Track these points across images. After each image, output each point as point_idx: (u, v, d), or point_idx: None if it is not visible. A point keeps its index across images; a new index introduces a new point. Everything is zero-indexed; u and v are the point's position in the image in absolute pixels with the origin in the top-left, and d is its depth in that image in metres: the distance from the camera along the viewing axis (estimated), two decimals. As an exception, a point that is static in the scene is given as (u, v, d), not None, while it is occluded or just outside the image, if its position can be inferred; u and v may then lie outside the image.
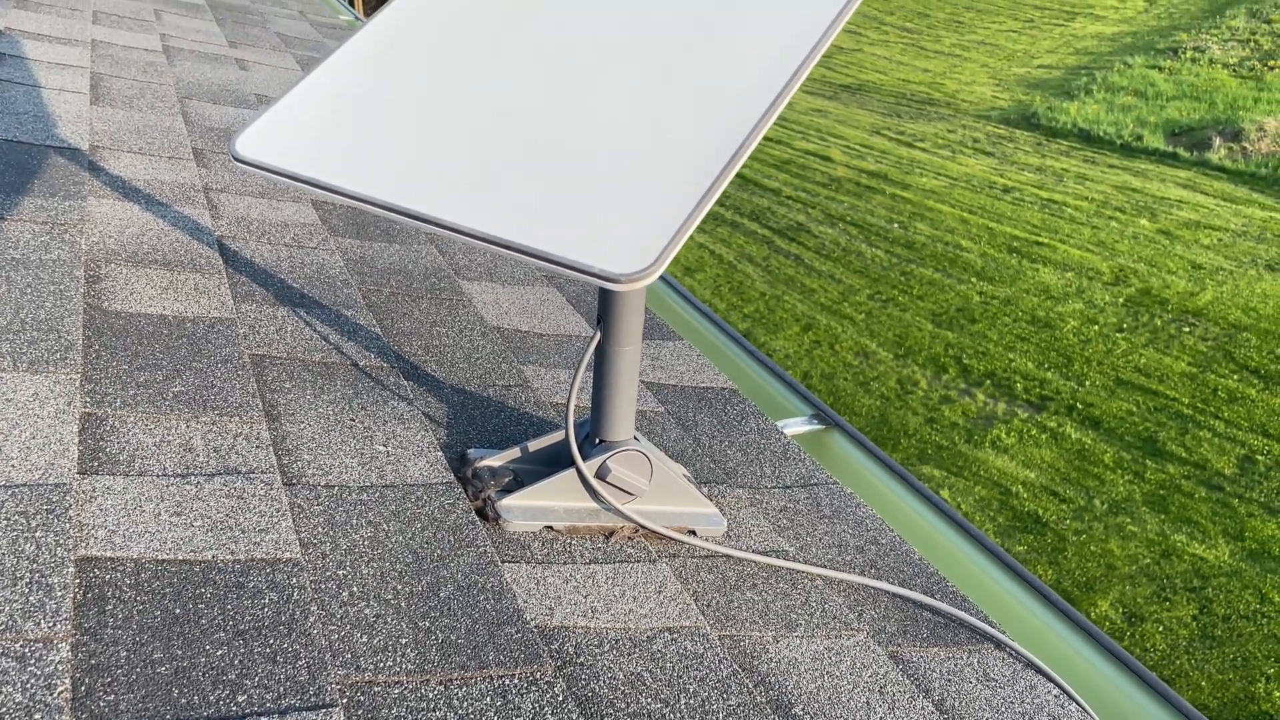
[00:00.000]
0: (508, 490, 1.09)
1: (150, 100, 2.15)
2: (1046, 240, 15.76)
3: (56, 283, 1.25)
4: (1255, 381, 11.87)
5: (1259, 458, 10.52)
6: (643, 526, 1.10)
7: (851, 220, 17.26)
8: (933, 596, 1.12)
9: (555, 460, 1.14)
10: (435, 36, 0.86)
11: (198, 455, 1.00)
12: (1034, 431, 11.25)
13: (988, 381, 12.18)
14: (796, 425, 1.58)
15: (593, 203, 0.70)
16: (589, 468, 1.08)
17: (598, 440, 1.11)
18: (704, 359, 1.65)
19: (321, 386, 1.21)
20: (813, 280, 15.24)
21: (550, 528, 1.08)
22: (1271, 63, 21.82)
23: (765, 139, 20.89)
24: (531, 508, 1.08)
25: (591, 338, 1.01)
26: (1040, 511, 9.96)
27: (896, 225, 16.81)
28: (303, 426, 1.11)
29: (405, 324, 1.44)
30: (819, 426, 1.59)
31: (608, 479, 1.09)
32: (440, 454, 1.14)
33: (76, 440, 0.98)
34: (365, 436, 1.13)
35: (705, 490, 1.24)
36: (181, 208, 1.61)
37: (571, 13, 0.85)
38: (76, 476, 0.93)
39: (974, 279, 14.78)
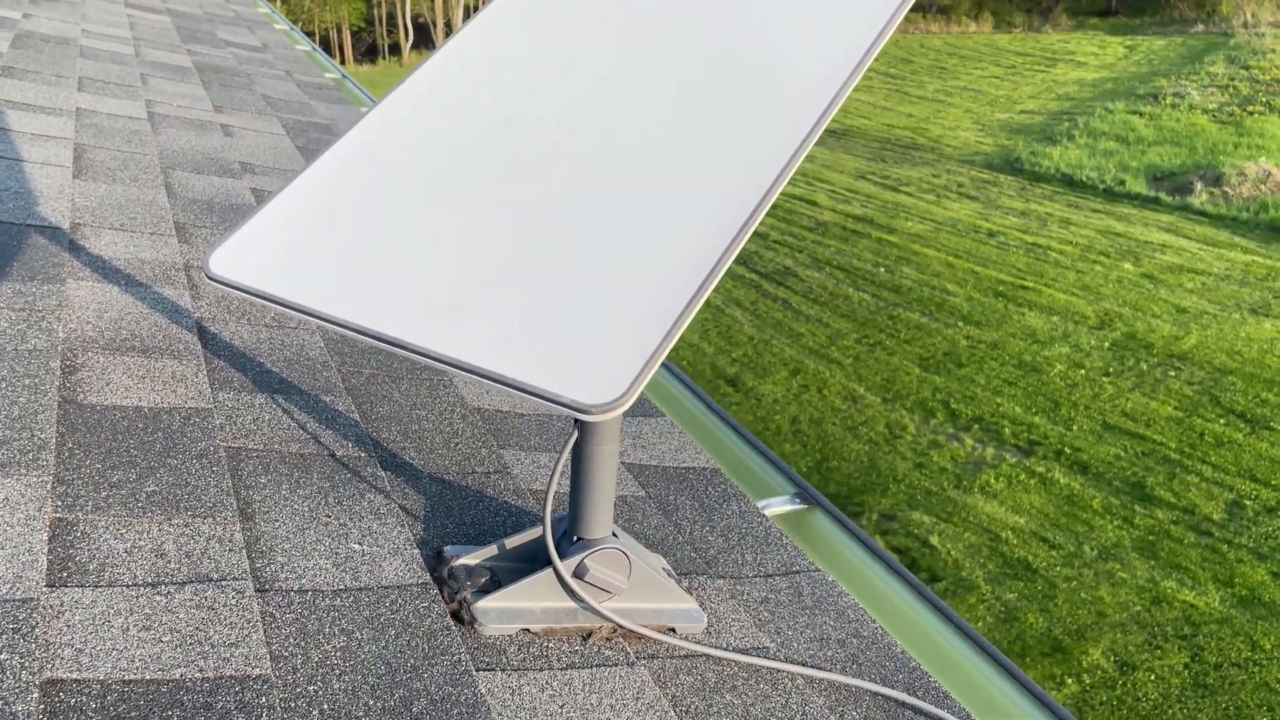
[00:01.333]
0: (484, 591, 1.08)
1: (133, 172, 2.15)
2: (1032, 284, 15.88)
3: (32, 375, 1.24)
4: (1241, 425, 11.91)
5: (1247, 502, 10.54)
6: (621, 626, 1.08)
7: (838, 264, 17.37)
8: (915, 694, 1.11)
9: (533, 557, 1.13)
10: (411, 148, 0.86)
11: (169, 562, 0.99)
12: (1023, 476, 11.25)
13: (976, 426, 12.20)
14: (779, 505, 1.57)
15: (562, 329, 0.70)
16: (566, 567, 1.07)
17: (576, 538, 1.10)
18: (686, 436, 1.64)
19: (298, 480, 1.20)
20: (800, 324, 15.29)
21: (527, 629, 1.06)
22: (1250, 108, 22.16)
23: (752, 184, 21.05)
24: (508, 609, 1.06)
25: (569, 435, 1.01)
26: (1030, 558, 9.93)
27: (883, 269, 16.92)
28: (277, 525, 1.10)
29: (385, 407, 1.43)
30: (801, 506, 1.59)
31: (586, 578, 1.08)
32: (416, 551, 1.13)
33: (46, 549, 0.96)
34: (340, 535, 1.12)
35: (686, 583, 1.23)
36: (162, 288, 1.61)
37: (545, 129, 0.85)
38: (45, 590, 0.91)
39: (960, 323, 14.86)
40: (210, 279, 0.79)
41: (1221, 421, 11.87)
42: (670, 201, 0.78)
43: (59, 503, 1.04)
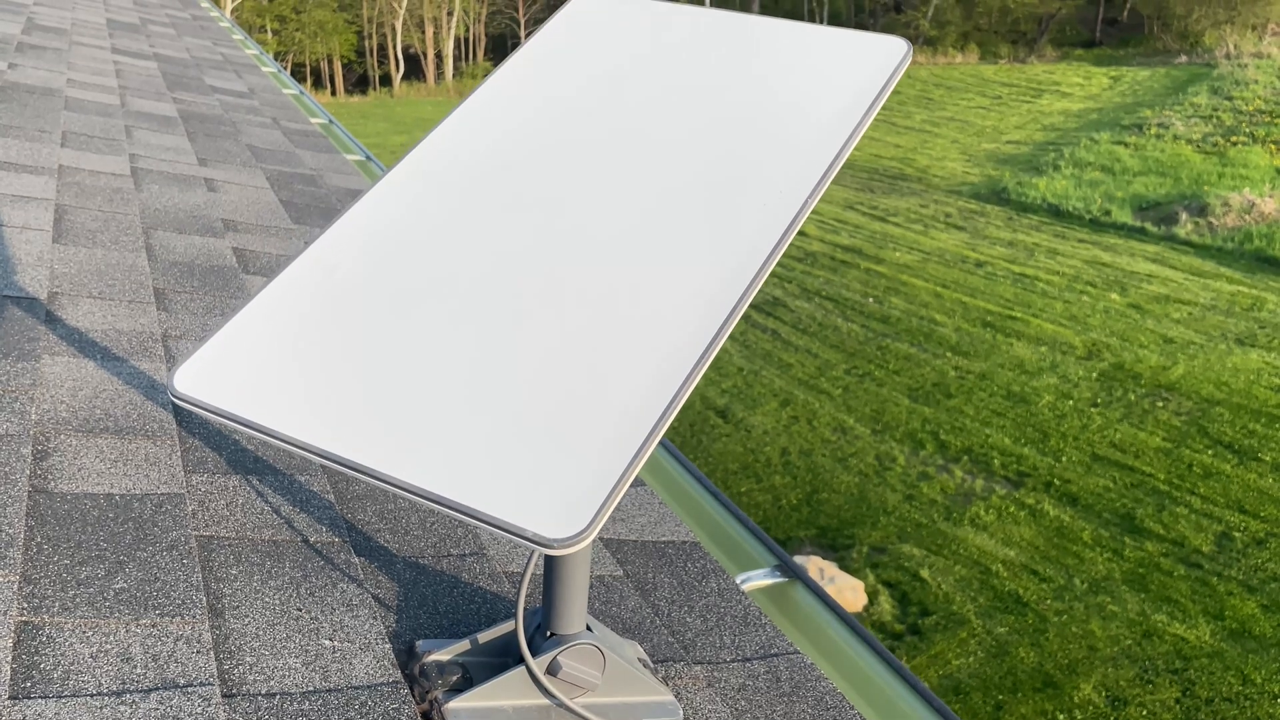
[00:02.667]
0: (456, 690, 1.07)
1: (114, 234, 2.15)
2: (1020, 315, 15.96)
3: (2, 464, 1.23)
4: (1229, 456, 11.95)
5: (1236, 534, 10.55)
6: (595, 723, 1.07)
7: (827, 295, 17.44)
8: (892, 788, 1.10)
9: (506, 650, 1.12)
10: (376, 259, 0.86)
11: (135, 667, 0.98)
12: (1012, 508, 11.26)
13: (965, 457, 12.21)
14: (758, 578, 1.57)
15: (524, 457, 0.70)
16: (539, 664, 1.06)
17: (549, 633, 1.09)
18: (665, 508, 1.64)
19: (270, 570, 1.19)
20: (790, 355, 15.33)
21: (500, 728, 1.05)
22: (1234, 138, 22.40)
23: (741, 214, 21.15)
24: (479, 709, 1.05)
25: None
26: (1021, 591, 9.92)
27: (872, 300, 16.99)
28: (246, 622, 1.09)
29: (360, 486, 1.42)
30: (782, 579, 1.58)
31: (559, 675, 1.07)
32: (388, 645, 1.12)
33: (10, 657, 0.95)
34: (311, 630, 1.10)
35: (662, 671, 1.22)
36: (138, 361, 1.60)
37: (515, 235, 0.86)
38: (8, 703, 0.90)
39: (949, 353, 14.91)
40: (174, 397, 0.78)
41: (1210, 452, 11.91)
42: (636, 320, 0.78)
43: (25, 604, 1.02)
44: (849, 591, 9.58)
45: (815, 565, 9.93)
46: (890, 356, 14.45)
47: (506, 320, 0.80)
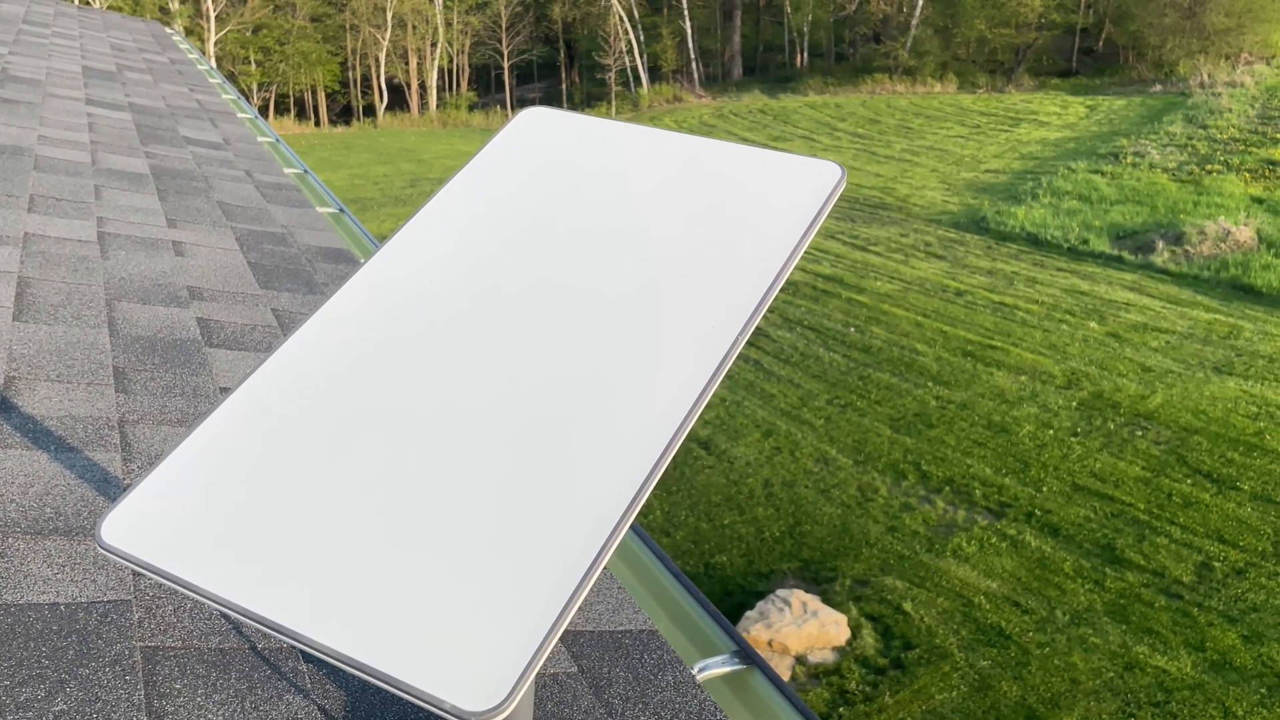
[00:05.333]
0: (399, 811, 1.06)
1: (76, 308, 2.14)
2: (1000, 344, 16.05)
3: (-55, 573, 1.22)
4: (1208, 485, 12.02)
5: (1216, 564, 10.60)
6: (540, 842, 1.07)
7: (809, 324, 17.51)
8: None
9: (453, 765, 1.11)
10: (306, 400, 0.87)
11: (71, 799, 0.97)
12: (994, 540, 11.28)
13: (947, 488, 12.24)
14: (717, 665, 1.56)
15: (445, 622, 0.70)
16: (484, 784, 1.05)
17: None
18: (625, 592, 1.63)
19: (215, 682, 1.18)
20: (772, 385, 15.36)
21: None
22: (1209, 167, 22.67)
23: (723, 244, 21.26)
24: (423, 833, 1.04)
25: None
26: (1003, 623, 9.92)
27: (853, 329, 17.07)
28: (189, 743, 1.08)
29: (314, 582, 1.42)
30: (740, 666, 1.57)
31: (504, 794, 1.06)
32: (334, 762, 1.11)
33: (-59, 794, 0.94)
34: (255, 749, 1.10)
35: (612, 778, 1.21)
36: (93, 452, 1.59)
37: (443, 382, 0.86)
38: (-66, 847, 0.89)
39: (930, 383, 14.97)
40: (101, 548, 0.78)
41: (1189, 482, 11.98)
42: (566, 468, 0.78)
43: (-39, 733, 1.01)
44: (832, 625, 9.57)
45: (799, 599, 9.91)
46: (872, 386, 14.51)
47: (433, 470, 0.80)
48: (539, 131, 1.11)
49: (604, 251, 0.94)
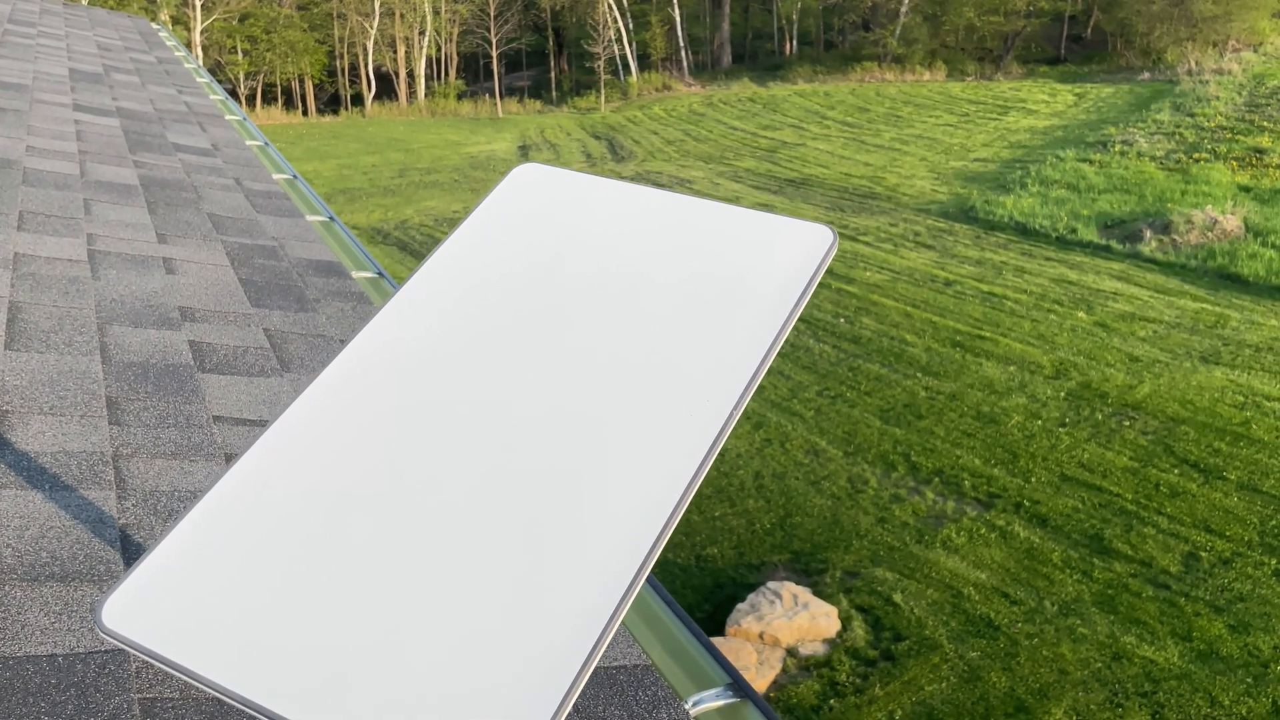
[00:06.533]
0: None
1: (68, 334, 2.14)
2: (988, 334, 16.09)
3: (-56, 625, 1.23)
4: (1195, 475, 12.10)
5: (1202, 554, 10.68)
6: None
7: (799, 315, 17.52)
8: None
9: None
10: (302, 480, 0.87)
11: None
12: (983, 530, 11.34)
13: (936, 479, 12.30)
14: (710, 700, 1.58)
15: (444, 714, 0.71)
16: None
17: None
18: (621, 627, 1.65)
19: (215, 733, 1.19)
20: (763, 377, 15.38)
21: None
22: (1196, 155, 22.73)
23: (713, 234, 21.27)
24: None
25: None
26: (992, 614, 9.99)
27: (843, 320, 17.09)
28: (190, 799, 1.09)
29: (311, 622, 1.43)
30: (734, 699, 1.59)
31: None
32: (333, 815, 1.12)
33: None
34: (255, 803, 1.11)
35: (608, 822, 1.23)
36: (87, 490, 1.60)
37: (435, 462, 0.87)
38: None
39: (919, 374, 15.02)
40: (102, 633, 0.79)
41: (1176, 472, 12.06)
42: (553, 562, 0.79)
43: (-37, 795, 1.02)
44: (823, 617, 9.62)
45: (789, 591, 9.96)
46: (862, 378, 14.55)
47: (432, 553, 0.81)
48: (532, 190, 1.12)
49: (596, 323, 0.95)
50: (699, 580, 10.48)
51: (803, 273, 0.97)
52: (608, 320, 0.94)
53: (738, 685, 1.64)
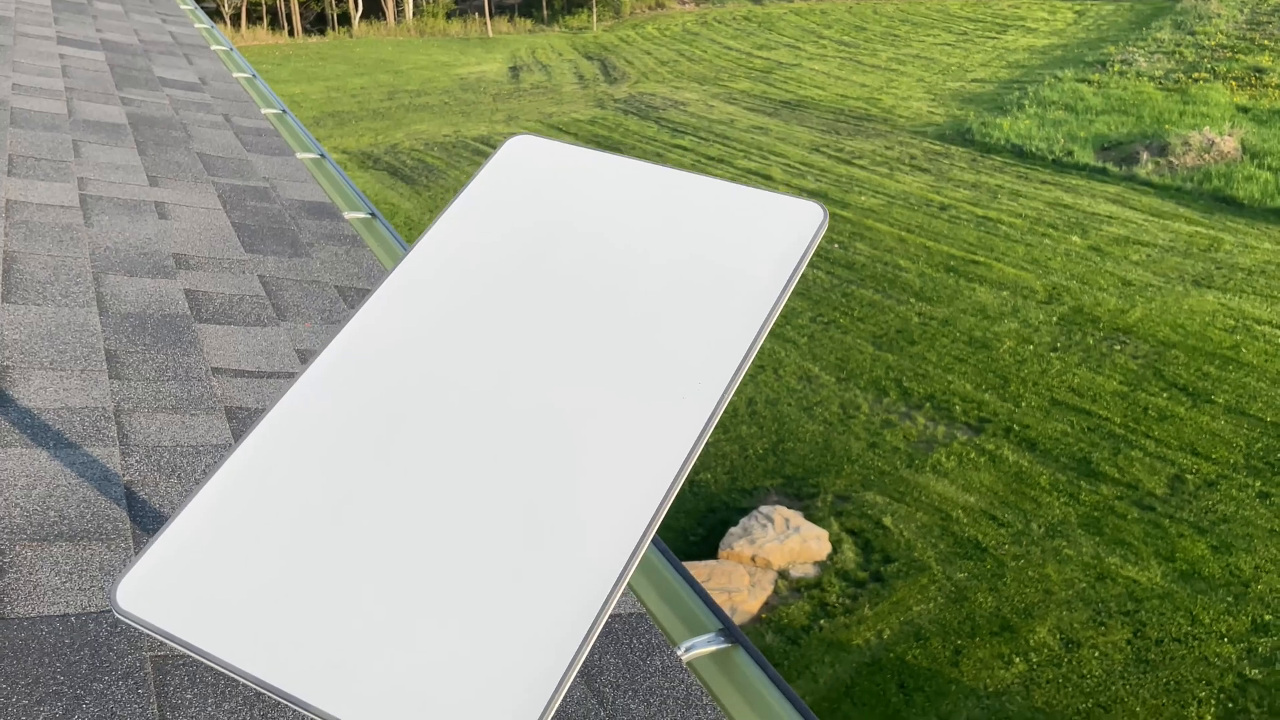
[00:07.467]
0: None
1: (64, 284, 2.15)
2: (982, 259, 16.06)
3: (-42, 588, 1.27)
4: (1184, 399, 12.20)
5: (1188, 477, 10.83)
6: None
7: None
8: None
9: (454, 768, 1.18)
10: (304, 460, 0.90)
11: (96, 819, 1.03)
12: (973, 455, 11.48)
13: (928, 404, 12.39)
14: (702, 645, 1.64)
15: (448, 697, 0.75)
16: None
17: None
18: (613, 573, 1.70)
19: (224, 690, 1.23)
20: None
21: None
22: (1195, 74, 22.44)
23: (708, 157, 21.04)
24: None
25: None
26: (980, 537, 10.17)
27: (837, 245, 17.02)
28: (204, 754, 1.14)
29: (314, 576, 1.47)
30: (725, 644, 1.65)
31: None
32: (342, 767, 1.18)
33: (-26, 819, 1.00)
34: (267, 757, 1.16)
35: (604, 769, 1.29)
36: (91, 447, 1.63)
37: (432, 442, 0.89)
38: None
39: (913, 299, 15.03)
40: (117, 614, 0.82)
41: (1165, 396, 12.16)
42: (558, 535, 0.82)
43: (-13, 755, 1.07)
44: (814, 540, 9.79)
45: (781, 515, 10.11)
46: (855, 303, 14.56)
47: (434, 534, 0.84)
48: (525, 162, 1.12)
49: (587, 301, 0.97)
50: (692, 505, 10.62)
51: (792, 254, 0.98)
52: (599, 305, 0.96)
53: (729, 631, 1.69)
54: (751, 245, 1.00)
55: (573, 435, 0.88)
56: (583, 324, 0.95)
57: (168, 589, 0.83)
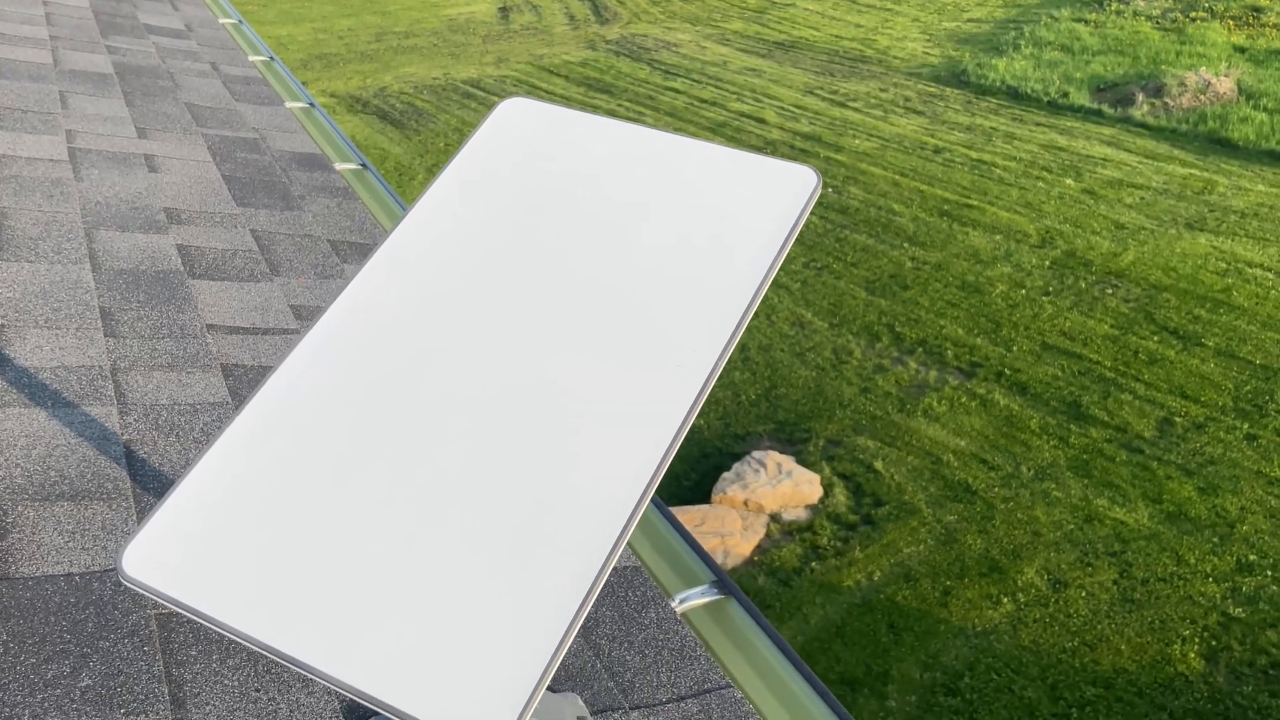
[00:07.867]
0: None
1: (56, 240, 2.14)
2: (976, 202, 16.00)
3: (-37, 549, 1.29)
4: (1174, 342, 12.25)
5: (1177, 419, 10.91)
6: (537, 789, 1.18)
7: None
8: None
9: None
10: (307, 427, 0.91)
11: (107, 774, 1.06)
12: (964, 399, 11.54)
13: (920, 349, 12.43)
14: (696, 597, 1.67)
15: (448, 657, 0.77)
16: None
17: None
18: (608, 527, 1.72)
19: (228, 647, 1.26)
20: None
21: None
22: (1193, 14, 22.19)
23: (701, 100, 20.82)
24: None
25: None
26: (970, 480, 10.27)
27: (831, 190, 16.93)
28: (207, 710, 1.17)
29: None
30: (718, 596, 1.68)
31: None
32: (344, 720, 1.21)
33: (-12, 775, 1.03)
34: (270, 712, 1.19)
35: (601, 720, 1.32)
36: (89, 406, 1.64)
37: (434, 410, 0.91)
38: (-11, 828, 0.98)
39: (906, 244, 14.99)
40: (124, 580, 0.84)
41: (1155, 339, 12.21)
42: (548, 510, 0.84)
43: (-2, 713, 1.09)
44: (806, 484, 9.89)
45: (773, 460, 10.20)
46: (848, 248, 14.52)
47: (433, 499, 0.86)
48: (519, 125, 1.12)
49: (582, 270, 0.98)
50: (686, 450, 10.69)
51: (785, 220, 0.99)
52: (594, 273, 0.96)
53: (722, 583, 1.72)
54: (746, 211, 1.00)
55: (570, 402, 0.89)
56: (578, 291, 0.96)
57: (173, 555, 0.85)
